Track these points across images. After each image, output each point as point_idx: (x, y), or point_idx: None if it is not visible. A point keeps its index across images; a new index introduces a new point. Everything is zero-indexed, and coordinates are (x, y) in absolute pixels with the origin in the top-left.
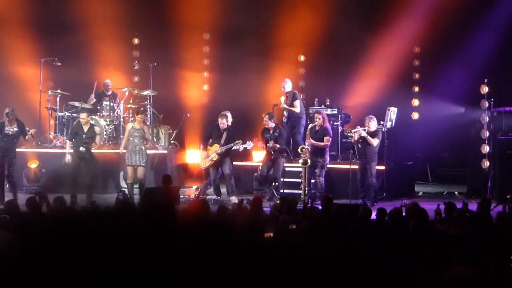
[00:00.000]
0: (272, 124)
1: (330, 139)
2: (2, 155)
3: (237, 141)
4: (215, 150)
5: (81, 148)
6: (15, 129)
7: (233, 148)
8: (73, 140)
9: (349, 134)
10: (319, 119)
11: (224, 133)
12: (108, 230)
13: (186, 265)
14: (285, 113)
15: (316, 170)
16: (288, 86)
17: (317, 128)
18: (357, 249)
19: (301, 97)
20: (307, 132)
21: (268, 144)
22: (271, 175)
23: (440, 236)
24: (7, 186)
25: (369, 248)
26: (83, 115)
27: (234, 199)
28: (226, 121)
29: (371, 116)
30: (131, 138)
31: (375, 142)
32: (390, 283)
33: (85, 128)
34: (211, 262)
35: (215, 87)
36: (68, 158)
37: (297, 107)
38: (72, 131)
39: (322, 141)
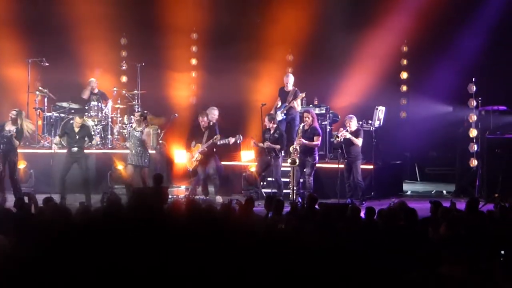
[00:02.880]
0: (272, 125)
1: (320, 138)
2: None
3: (215, 136)
4: (197, 149)
5: (74, 149)
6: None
7: (218, 143)
8: (64, 139)
9: (337, 140)
10: (308, 118)
11: (205, 132)
12: (99, 230)
13: (176, 264)
14: (279, 113)
15: (305, 170)
16: (291, 82)
17: (306, 127)
18: (345, 249)
19: None
20: (299, 132)
21: (263, 144)
22: (261, 175)
23: (430, 235)
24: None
25: (358, 248)
26: (78, 120)
27: (219, 199)
28: (206, 119)
29: (350, 115)
30: (132, 139)
31: (359, 141)
32: (379, 283)
33: (77, 129)
34: (202, 261)
35: (203, 87)
36: (54, 147)
37: (299, 106)
38: (61, 129)
39: (312, 140)
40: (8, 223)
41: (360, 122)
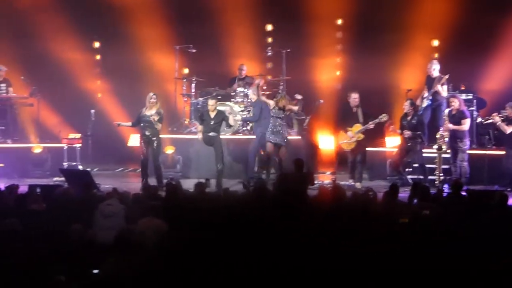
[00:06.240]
0: (411, 111)
1: (469, 121)
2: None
3: (383, 115)
4: (357, 130)
5: (211, 133)
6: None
7: (379, 121)
8: (202, 125)
9: (492, 120)
10: (454, 102)
11: (357, 110)
12: (243, 217)
13: (318, 249)
14: (424, 100)
15: (458, 156)
16: (437, 68)
17: (453, 112)
18: (492, 236)
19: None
20: (444, 117)
21: (404, 134)
22: (405, 161)
23: None
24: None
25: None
26: (211, 102)
27: (358, 186)
28: (358, 95)
29: None
30: (272, 119)
31: (508, 129)
32: None
33: (212, 114)
34: (346, 246)
35: (348, 73)
36: (199, 136)
37: (445, 91)
38: (199, 117)
39: (459, 124)
40: (159, 207)
41: None
